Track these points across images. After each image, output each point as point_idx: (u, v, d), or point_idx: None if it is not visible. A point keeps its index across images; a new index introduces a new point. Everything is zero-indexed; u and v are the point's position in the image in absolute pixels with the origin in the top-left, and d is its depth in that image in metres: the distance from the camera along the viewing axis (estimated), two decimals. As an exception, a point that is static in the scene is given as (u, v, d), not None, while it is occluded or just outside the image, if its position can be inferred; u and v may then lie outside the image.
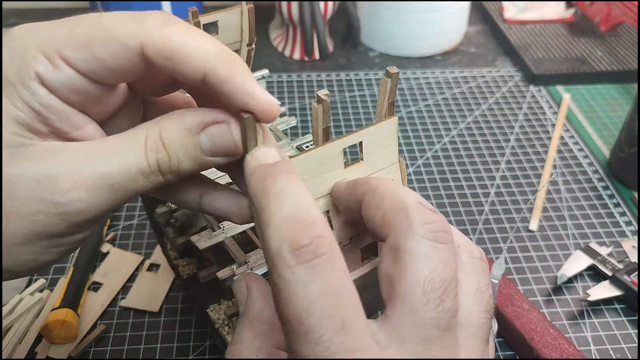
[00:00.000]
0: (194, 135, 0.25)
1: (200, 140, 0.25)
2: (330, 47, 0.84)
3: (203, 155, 0.25)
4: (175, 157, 0.25)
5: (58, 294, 0.47)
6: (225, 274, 0.34)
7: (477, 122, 0.71)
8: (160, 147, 0.24)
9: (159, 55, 0.23)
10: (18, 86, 0.23)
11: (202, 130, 0.25)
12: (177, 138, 0.24)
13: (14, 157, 0.23)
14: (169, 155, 0.24)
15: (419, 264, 0.23)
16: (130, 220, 0.56)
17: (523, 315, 0.45)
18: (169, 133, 0.24)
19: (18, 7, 0.89)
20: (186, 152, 0.25)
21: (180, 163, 0.25)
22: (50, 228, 0.24)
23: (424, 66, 0.82)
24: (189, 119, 0.25)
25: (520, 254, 0.54)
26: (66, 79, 0.23)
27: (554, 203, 0.60)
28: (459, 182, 0.62)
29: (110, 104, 0.26)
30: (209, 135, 0.25)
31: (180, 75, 0.24)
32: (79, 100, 0.24)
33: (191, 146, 0.25)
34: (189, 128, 0.24)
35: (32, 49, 0.23)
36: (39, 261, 0.25)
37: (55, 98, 0.24)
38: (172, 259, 0.48)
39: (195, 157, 0.25)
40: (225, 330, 0.41)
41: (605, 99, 0.76)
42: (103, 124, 0.27)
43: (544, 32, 0.87)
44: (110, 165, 0.24)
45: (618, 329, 0.48)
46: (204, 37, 0.24)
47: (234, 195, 0.29)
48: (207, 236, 0.37)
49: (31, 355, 0.44)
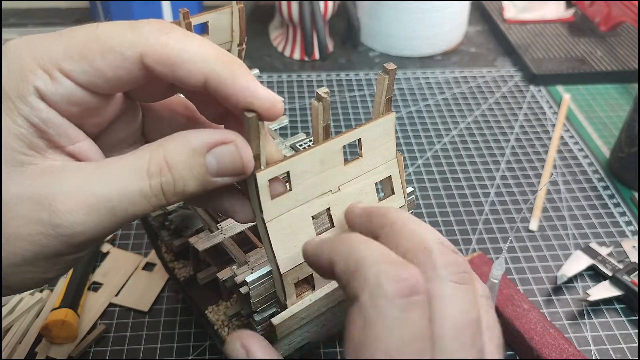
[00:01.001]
0: (200, 156, 0.24)
1: (207, 161, 0.24)
2: (330, 47, 0.84)
3: (209, 176, 0.25)
4: (181, 180, 0.24)
5: (58, 294, 0.47)
6: (226, 275, 0.34)
7: (477, 122, 0.71)
8: (165, 170, 0.24)
9: (158, 63, 0.23)
10: (17, 102, 0.23)
11: (209, 151, 0.24)
12: (183, 160, 0.24)
13: (15, 176, 0.23)
14: (174, 178, 0.24)
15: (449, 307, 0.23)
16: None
17: (523, 315, 0.45)
18: (175, 155, 0.24)
19: (18, 7, 0.89)
20: (192, 174, 0.24)
21: (186, 186, 0.25)
22: (49, 249, 0.23)
23: (424, 66, 0.82)
24: (194, 140, 0.24)
25: (520, 254, 0.54)
26: (65, 92, 0.23)
27: (554, 203, 0.60)
28: (459, 182, 0.62)
29: (107, 114, 0.26)
30: (216, 156, 0.25)
31: (181, 81, 0.24)
32: (77, 112, 0.24)
33: (197, 167, 0.24)
34: (195, 149, 0.24)
35: (29, 63, 0.23)
36: (38, 279, 0.25)
37: (54, 112, 0.24)
38: (167, 262, 0.48)
39: (201, 178, 0.25)
40: (224, 331, 0.41)
41: (605, 99, 0.76)
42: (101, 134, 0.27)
43: (544, 32, 0.87)
44: (110, 188, 0.23)
45: (618, 329, 0.48)
46: (203, 43, 0.24)
47: (237, 195, 0.29)
48: (205, 237, 0.37)
49: (31, 355, 0.44)
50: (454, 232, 0.56)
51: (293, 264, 0.30)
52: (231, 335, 0.27)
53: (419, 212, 0.58)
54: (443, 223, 0.57)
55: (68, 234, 0.23)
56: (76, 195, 0.23)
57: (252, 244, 0.37)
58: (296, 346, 0.34)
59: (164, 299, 0.49)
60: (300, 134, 0.45)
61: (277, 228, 0.29)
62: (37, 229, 0.23)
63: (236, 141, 0.25)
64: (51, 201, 0.23)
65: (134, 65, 0.23)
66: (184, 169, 0.24)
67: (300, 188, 0.29)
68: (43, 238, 0.23)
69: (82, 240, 0.24)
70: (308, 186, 0.29)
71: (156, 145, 0.25)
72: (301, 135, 0.45)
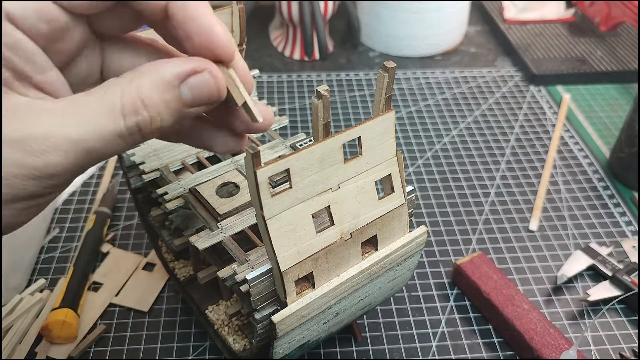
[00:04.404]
0: (175, 89, 0.24)
1: (182, 93, 0.24)
2: (330, 47, 0.84)
3: (185, 107, 0.24)
4: (158, 116, 0.24)
5: (58, 294, 0.47)
6: (226, 274, 0.34)
7: (477, 122, 0.71)
8: (140, 108, 0.23)
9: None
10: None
11: (182, 82, 0.24)
12: (157, 96, 0.24)
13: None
14: (150, 115, 0.24)
15: None
16: (130, 220, 0.56)
17: (523, 315, 0.45)
18: (149, 91, 0.24)
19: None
20: (168, 108, 0.24)
21: (163, 121, 0.24)
22: (25, 190, 0.23)
23: (424, 66, 0.82)
24: (167, 73, 0.24)
25: (520, 254, 0.54)
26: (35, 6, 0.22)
27: (554, 203, 0.60)
28: (459, 182, 0.62)
29: (72, 42, 0.25)
30: (190, 86, 0.24)
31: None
32: (46, 33, 0.23)
33: (173, 101, 0.24)
34: (169, 82, 0.24)
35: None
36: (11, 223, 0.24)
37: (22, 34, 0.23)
38: (167, 262, 0.48)
39: (177, 111, 0.24)
40: (225, 331, 0.41)
41: (605, 99, 0.76)
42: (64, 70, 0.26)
43: (544, 32, 0.87)
44: (85, 129, 0.23)
45: (618, 329, 0.48)
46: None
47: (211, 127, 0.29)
48: (206, 236, 0.36)
49: (31, 355, 0.44)
50: (454, 232, 0.56)
51: (293, 261, 0.30)
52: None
53: (419, 212, 0.58)
54: (443, 223, 0.57)
55: (44, 174, 0.23)
56: (52, 137, 0.22)
57: (252, 243, 0.37)
58: (296, 344, 0.34)
59: (164, 299, 0.49)
60: (301, 134, 0.45)
61: (277, 226, 0.29)
62: (13, 171, 0.22)
63: (209, 68, 0.24)
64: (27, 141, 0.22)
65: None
66: (160, 104, 0.24)
67: (300, 186, 0.29)
68: (19, 180, 0.22)
69: (58, 182, 0.23)
70: (308, 184, 0.29)
71: (127, 81, 0.24)
72: (301, 135, 0.45)
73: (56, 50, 0.24)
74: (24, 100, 0.23)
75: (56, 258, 0.52)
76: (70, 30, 0.24)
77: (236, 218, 0.38)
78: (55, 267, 0.51)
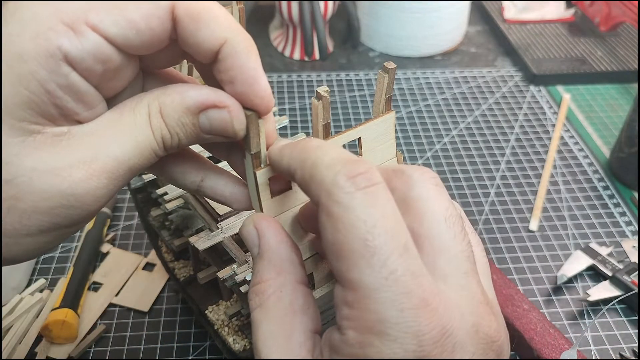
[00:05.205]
0: (194, 115, 0.24)
1: (200, 121, 0.25)
2: (330, 47, 0.84)
3: (201, 133, 0.25)
4: (176, 135, 0.25)
5: (58, 294, 0.47)
6: (226, 274, 0.34)
7: (477, 122, 0.71)
8: (162, 125, 0.24)
9: (187, 15, 0.23)
10: (33, 64, 0.21)
11: (202, 111, 0.24)
12: (177, 118, 0.24)
13: (24, 147, 0.22)
14: (170, 132, 0.24)
15: (433, 205, 0.23)
16: (130, 220, 0.56)
17: (523, 315, 0.45)
18: (170, 109, 0.24)
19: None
20: (185, 130, 0.25)
21: (180, 140, 0.25)
22: (67, 220, 0.23)
23: (424, 66, 0.82)
24: (189, 99, 0.24)
25: (520, 254, 0.54)
26: (92, 48, 0.22)
27: (554, 203, 0.60)
28: (459, 182, 0.62)
29: (125, 78, 0.25)
30: (209, 117, 0.25)
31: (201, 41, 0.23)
32: (100, 74, 0.23)
33: (190, 125, 0.25)
34: (188, 107, 0.24)
35: (48, 19, 0.21)
36: (42, 249, 0.24)
37: (77, 75, 0.22)
38: (167, 262, 0.48)
39: (193, 135, 0.25)
40: (225, 331, 0.41)
41: (605, 99, 0.76)
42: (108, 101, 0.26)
43: (544, 32, 0.87)
44: (126, 148, 0.23)
45: (618, 329, 0.48)
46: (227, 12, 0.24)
47: (235, 181, 0.29)
48: (206, 237, 0.36)
49: (31, 355, 0.44)
50: (454, 232, 0.56)
51: None
52: (247, 218, 0.26)
53: (419, 212, 0.58)
54: (443, 223, 0.57)
55: (88, 201, 0.23)
56: (96, 161, 0.23)
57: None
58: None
59: (164, 299, 0.49)
60: (301, 134, 0.45)
61: None
62: (58, 201, 0.22)
63: (230, 107, 0.24)
64: (69, 170, 0.22)
65: (166, 15, 0.23)
66: (177, 125, 0.24)
67: None
68: (63, 210, 0.23)
69: (99, 205, 0.24)
70: None
71: (153, 98, 0.24)
72: (301, 136, 0.45)
73: (107, 87, 0.24)
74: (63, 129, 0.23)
75: (56, 258, 0.52)
76: (123, 70, 0.24)
77: (236, 218, 0.38)
78: (55, 267, 0.51)
